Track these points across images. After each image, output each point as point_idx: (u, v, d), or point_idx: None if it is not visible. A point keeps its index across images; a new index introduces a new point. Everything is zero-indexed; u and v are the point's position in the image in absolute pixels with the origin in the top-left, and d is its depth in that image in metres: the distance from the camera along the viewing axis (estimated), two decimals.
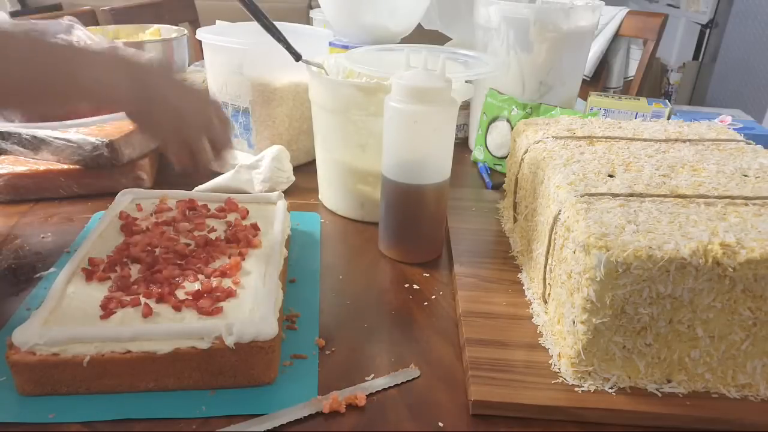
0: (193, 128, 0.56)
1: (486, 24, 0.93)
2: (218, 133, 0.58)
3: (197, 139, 0.56)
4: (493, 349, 0.52)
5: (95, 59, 0.52)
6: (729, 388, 0.48)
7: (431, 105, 0.61)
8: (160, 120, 0.55)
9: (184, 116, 0.55)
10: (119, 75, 0.52)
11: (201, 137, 0.57)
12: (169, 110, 0.55)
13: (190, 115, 0.56)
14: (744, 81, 2.73)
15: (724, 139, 0.67)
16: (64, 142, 0.76)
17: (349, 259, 0.70)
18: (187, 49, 1.21)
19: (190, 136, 0.56)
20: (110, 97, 0.52)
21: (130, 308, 0.50)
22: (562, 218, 0.51)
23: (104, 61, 0.52)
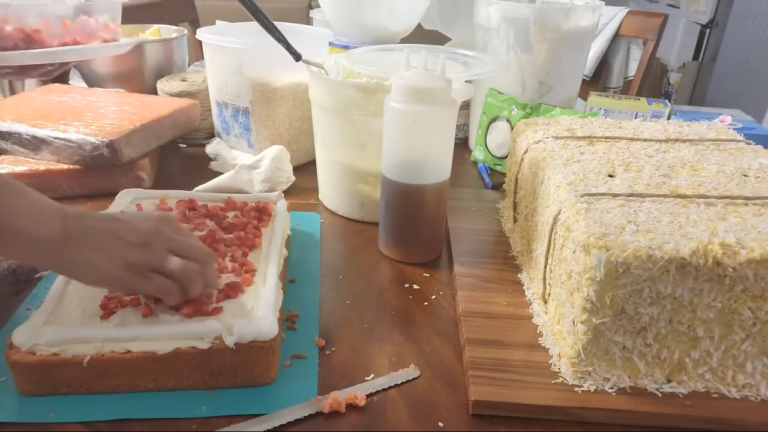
0: (148, 252, 0.47)
1: (486, 24, 0.93)
2: (192, 250, 0.50)
3: (158, 260, 0.47)
4: (493, 349, 0.52)
5: (22, 203, 0.44)
6: (729, 388, 0.48)
7: (431, 105, 0.61)
8: (97, 263, 0.46)
9: (128, 246, 0.46)
10: (52, 226, 0.44)
11: (161, 257, 0.47)
12: (105, 244, 0.46)
13: (137, 242, 0.47)
14: (744, 81, 2.73)
15: (724, 139, 0.67)
16: (64, 142, 0.76)
17: (349, 259, 0.70)
18: (187, 49, 1.21)
19: (145, 261, 0.47)
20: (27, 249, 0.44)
21: (130, 308, 0.50)
22: (562, 218, 0.51)
23: (33, 206, 0.45)
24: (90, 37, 0.74)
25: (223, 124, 0.95)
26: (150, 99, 0.95)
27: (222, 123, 0.95)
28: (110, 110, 0.87)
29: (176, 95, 0.99)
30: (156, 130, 0.84)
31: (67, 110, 0.85)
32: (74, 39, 0.73)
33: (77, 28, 0.73)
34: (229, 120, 0.94)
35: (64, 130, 0.77)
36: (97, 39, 0.75)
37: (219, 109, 0.94)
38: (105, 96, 0.94)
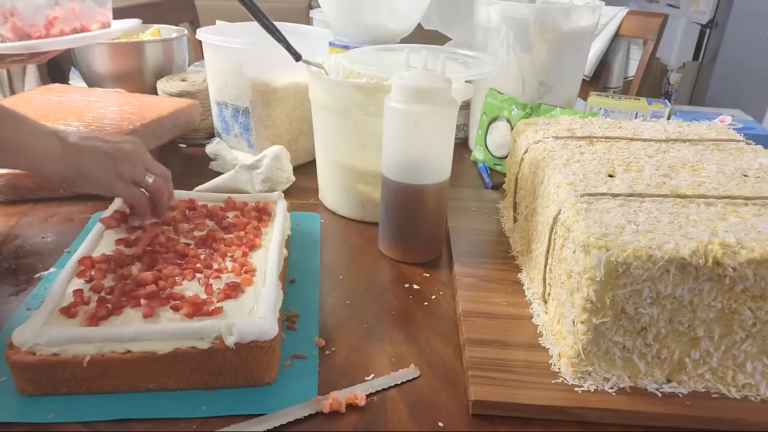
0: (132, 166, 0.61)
1: (486, 24, 0.93)
2: (159, 168, 0.64)
3: (139, 175, 0.61)
4: (493, 349, 0.52)
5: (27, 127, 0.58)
6: (729, 388, 0.48)
7: (431, 105, 0.61)
8: (95, 173, 0.59)
9: (116, 160, 0.60)
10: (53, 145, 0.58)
11: (142, 173, 0.62)
12: (98, 158, 0.59)
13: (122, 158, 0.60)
14: (744, 81, 2.73)
15: (724, 139, 0.67)
16: None
17: (349, 259, 0.70)
18: (187, 49, 1.21)
19: (124, 171, 0.60)
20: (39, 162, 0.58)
21: (131, 308, 0.50)
22: (562, 218, 0.51)
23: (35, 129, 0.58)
24: (91, 21, 0.78)
25: (223, 124, 0.95)
26: (150, 99, 0.95)
27: (222, 123, 0.95)
28: (110, 110, 0.87)
29: (176, 95, 0.99)
30: (156, 130, 0.84)
31: (67, 110, 0.86)
32: (81, 24, 0.76)
33: (82, 12, 0.76)
34: (229, 120, 0.94)
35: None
36: (96, 22, 0.78)
37: (219, 109, 0.94)
38: (105, 96, 0.94)
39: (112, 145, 0.61)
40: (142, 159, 0.62)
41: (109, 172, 0.60)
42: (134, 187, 0.61)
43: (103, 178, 0.60)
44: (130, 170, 0.61)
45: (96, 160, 0.59)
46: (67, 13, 0.74)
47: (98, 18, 0.79)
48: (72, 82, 1.23)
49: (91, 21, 0.78)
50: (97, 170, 0.59)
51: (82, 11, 0.76)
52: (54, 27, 0.72)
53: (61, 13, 0.73)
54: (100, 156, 0.60)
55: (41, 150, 0.57)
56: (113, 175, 0.60)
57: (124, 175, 0.60)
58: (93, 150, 0.60)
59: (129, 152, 0.61)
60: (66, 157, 0.58)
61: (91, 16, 0.78)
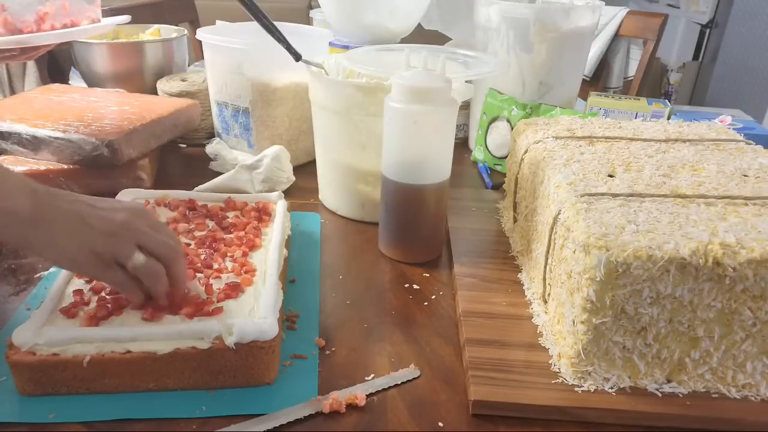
0: (115, 243, 0.46)
1: (486, 24, 0.93)
2: (159, 246, 0.48)
3: (123, 254, 0.46)
4: (493, 349, 0.52)
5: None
6: (729, 388, 0.48)
7: (431, 105, 0.61)
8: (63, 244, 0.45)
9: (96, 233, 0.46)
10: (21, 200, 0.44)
11: (127, 251, 0.47)
12: (74, 228, 0.45)
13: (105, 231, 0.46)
14: (744, 81, 2.73)
15: (724, 139, 0.67)
16: (64, 142, 0.76)
17: (349, 259, 0.70)
18: (187, 49, 1.21)
19: (106, 249, 0.46)
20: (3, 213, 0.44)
21: (131, 309, 0.50)
22: (562, 218, 0.51)
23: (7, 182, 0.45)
24: (81, 17, 0.78)
25: (223, 124, 0.95)
26: (150, 99, 0.95)
27: (222, 123, 0.95)
28: (110, 110, 0.86)
29: (176, 95, 0.99)
30: (156, 130, 0.84)
31: (67, 110, 0.85)
32: (71, 20, 0.77)
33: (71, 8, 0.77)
34: (229, 120, 0.94)
35: (64, 130, 0.77)
36: (86, 18, 0.79)
37: (219, 109, 0.94)
38: (105, 96, 0.94)
39: (98, 213, 0.47)
40: (135, 232, 0.47)
41: (83, 248, 0.45)
42: (115, 268, 0.47)
43: (74, 255, 0.45)
44: (113, 247, 0.46)
45: (70, 231, 0.45)
46: (58, 9, 0.75)
47: (88, 14, 0.80)
48: (72, 82, 1.23)
49: (80, 17, 0.79)
50: (70, 244, 0.45)
51: (72, 8, 0.77)
52: (45, 22, 0.73)
53: (51, 9, 0.73)
54: (77, 226, 0.45)
55: (2, 206, 0.43)
56: (90, 253, 0.46)
57: (103, 253, 0.46)
58: (71, 216, 0.46)
59: (117, 224, 0.47)
60: (35, 221, 0.44)
61: (81, 13, 0.79)
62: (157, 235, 0.49)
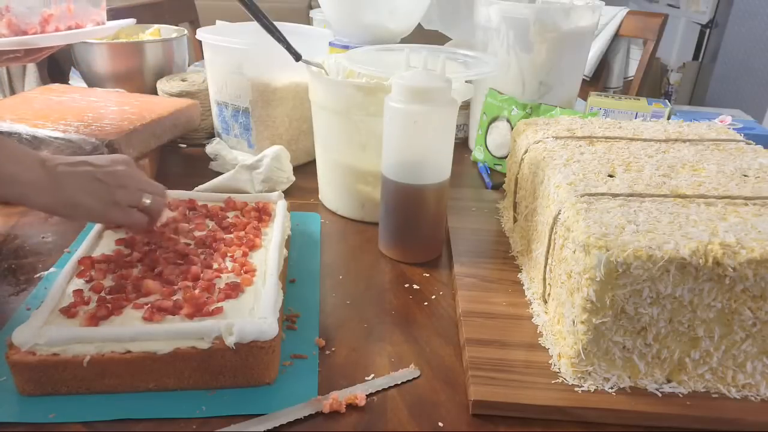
0: (127, 191, 0.57)
1: (486, 24, 0.93)
2: (154, 187, 0.60)
3: (135, 198, 0.57)
4: (493, 349, 0.52)
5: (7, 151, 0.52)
6: (729, 388, 0.48)
7: (431, 105, 0.61)
8: (89, 203, 0.54)
9: (111, 186, 0.56)
10: (34, 171, 0.52)
11: (138, 195, 0.58)
12: (90, 186, 0.55)
13: (117, 183, 0.56)
14: (744, 81, 2.73)
15: (724, 139, 0.67)
16: (64, 142, 0.76)
17: (349, 259, 0.70)
18: (187, 49, 1.21)
19: (121, 197, 0.56)
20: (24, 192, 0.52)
21: (131, 309, 0.50)
22: (562, 218, 0.51)
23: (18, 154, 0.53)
24: (86, 20, 0.79)
25: (223, 124, 0.95)
26: (150, 99, 0.95)
27: (222, 123, 0.95)
28: (110, 110, 0.86)
29: (176, 95, 0.99)
30: (156, 130, 0.84)
31: (67, 110, 0.85)
32: (76, 22, 0.77)
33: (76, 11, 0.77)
34: (229, 120, 0.94)
35: (64, 130, 0.77)
36: (90, 21, 0.79)
37: (219, 109, 0.94)
38: (105, 96, 0.94)
39: (104, 170, 0.56)
40: (137, 180, 0.59)
41: (104, 201, 0.55)
42: (132, 211, 0.58)
43: (99, 208, 0.55)
44: (127, 195, 0.57)
45: (88, 189, 0.55)
46: (62, 12, 0.75)
47: (93, 17, 0.80)
48: (72, 82, 1.23)
49: (86, 20, 0.79)
50: (91, 200, 0.54)
51: (77, 10, 0.78)
52: (49, 24, 0.73)
53: (56, 11, 0.74)
54: (93, 184, 0.55)
55: (25, 177, 0.52)
56: (109, 203, 0.55)
57: (121, 201, 0.56)
58: (83, 177, 0.55)
59: (122, 176, 0.57)
60: (53, 186, 0.53)
61: (86, 15, 0.79)
62: (148, 179, 0.61)
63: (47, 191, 0.52)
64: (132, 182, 0.58)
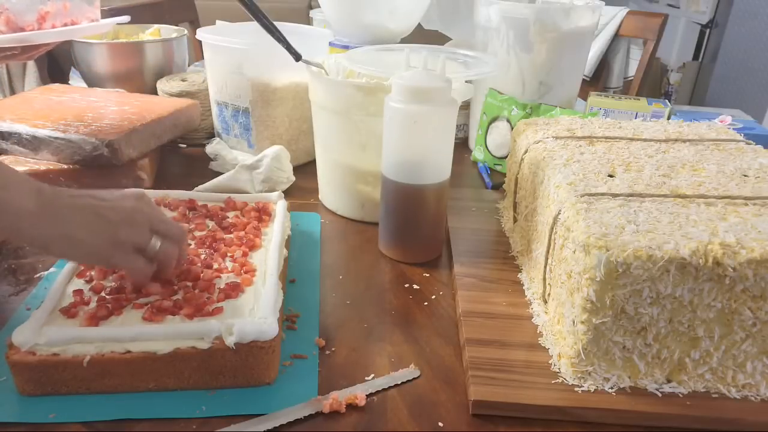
0: (134, 230, 0.49)
1: (486, 24, 0.93)
2: (169, 228, 0.51)
3: (143, 240, 0.49)
4: (493, 349, 0.52)
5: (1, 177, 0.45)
6: (729, 388, 0.48)
7: (431, 105, 0.61)
8: (87, 240, 0.47)
9: (114, 223, 0.48)
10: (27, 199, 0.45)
11: (146, 237, 0.50)
12: (91, 222, 0.47)
13: (122, 221, 0.48)
14: (744, 81, 2.73)
15: (724, 139, 0.67)
16: (64, 142, 0.76)
17: (349, 259, 0.70)
18: (187, 49, 1.21)
19: (126, 237, 0.48)
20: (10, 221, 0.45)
21: (131, 309, 0.50)
22: (562, 218, 0.51)
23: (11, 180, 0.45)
24: (81, 17, 0.79)
25: (223, 124, 0.95)
26: (150, 99, 0.95)
27: (222, 123, 0.95)
28: (110, 110, 0.86)
29: (176, 95, 0.99)
30: (156, 130, 0.84)
31: (67, 110, 0.85)
32: (72, 20, 0.77)
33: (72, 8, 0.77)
34: (229, 120, 0.94)
35: (64, 130, 0.77)
36: (85, 18, 0.80)
37: (219, 109, 0.94)
38: (105, 96, 0.94)
39: (108, 204, 0.49)
40: (148, 218, 0.50)
41: (104, 240, 0.47)
42: (136, 255, 0.49)
43: (98, 247, 0.47)
44: (132, 235, 0.49)
45: (88, 224, 0.47)
46: (58, 9, 0.75)
47: (87, 15, 0.81)
48: (72, 82, 1.23)
49: (81, 17, 0.80)
50: (90, 237, 0.47)
51: (73, 8, 0.78)
52: (46, 22, 0.74)
53: (52, 8, 0.74)
54: (93, 218, 0.47)
55: (12, 204, 0.44)
56: (110, 243, 0.47)
57: (125, 241, 0.48)
58: (84, 210, 0.47)
59: (130, 212, 0.49)
60: (49, 218, 0.45)
61: (81, 13, 0.80)
62: (162, 217, 0.52)
63: (41, 223, 0.45)
64: (141, 220, 0.50)
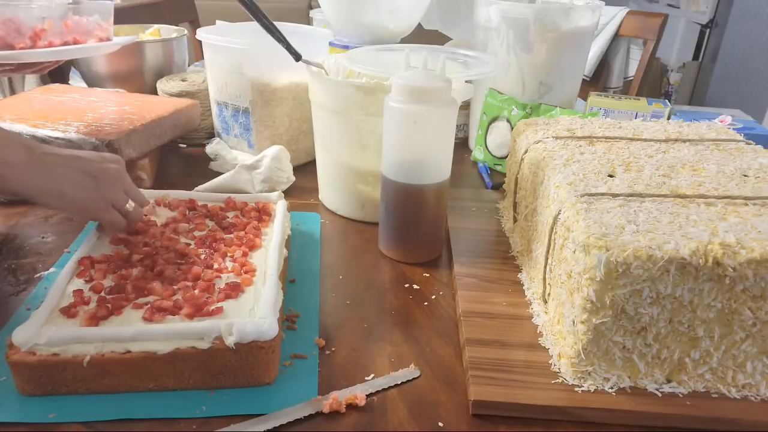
0: (114, 190, 0.57)
1: (486, 24, 0.93)
2: (137, 192, 0.61)
3: (121, 199, 0.58)
4: (493, 349, 0.52)
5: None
6: (729, 388, 0.48)
7: (431, 105, 0.61)
8: (74, 195, 0.54)
9: (99, 182, 0.55)
10: (17, 153, 0.52)
11: (123, 197, 0.58)
12: (78, 178, 0.54)
13: (105, 180, 0.56)
14: (744, 81, 2.73)
15: (724, 139, 0.67)
16: (64, 142, 0.76)
17: (349, 259, 0.70)
18: (187, 49, 1.21)
19: (107, 195, 0.56)
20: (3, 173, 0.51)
21: (131, 309, 0.50)
22: (562, 218, 0.51)
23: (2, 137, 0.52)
24: (87, 36, 0.78)
25: (223, 124, 0.95)
26: (150, 99, 0.95)
27: (222, 123, 0.95)
28: (110, 110, 0.87)
29: (176, 95, 0.99)
30: (156, 130, 0.84)
31: (67, 110, 0.85)
32: (74, 38, 0.76)
33: (75, 27, 0.76)
34: (229, 120, 0.94)
35: (64, 130, 0.77)
36: (93, 37, 0.78)
37: (219, 109, 0.94)
38: (105, 96, 0.94)
39: (95, 165, 0.56)
40: (124, 182, 0.59)
41: (90, 196, 0.55)
42: (112, 210, 0.57)
43: (84, 202, 0.55)
44: (112, 193, 0.57)
45: (75, 181, 0.54)
46: (57, 27, 0.74)
47: (96, 33, 0.79)
48: (72, 82, 1.23)
49: (87, 35, 0.78)
50: (77, 192, 0.54)
51: (77, 25, 0.76)
52: (41, 39, 0.72)
53: (49, 25, 0.72)
54: (81, 176, 0.55)
55: (9, 158, 0.51)
56: (95, 198, 0.55)
57: (108, 198, 0.56)
58: (71, 168, 0.55)
59: (112, 174, 0.57)
60: (38, 171, 0.52)
61: (89, 31, 0.78)
62: (133, 184, 0.61)
63: (30, 175, 0.52)
64: (119, 183, 0.58)
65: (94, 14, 0.79)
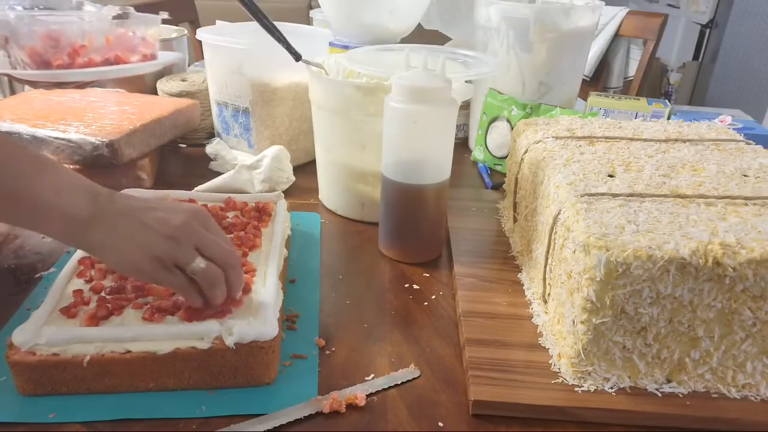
0: (176, 246, 0.45)
1: (486, 24, 0.93)
2: (216, 251, 0.47)
3: (184, 258, 0.46)
4: (493, 349, 0.52)
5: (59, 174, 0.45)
6: (729, 388, 0.48)
7: (431, 105, 0.61)
8: (123, 249, 0.45)
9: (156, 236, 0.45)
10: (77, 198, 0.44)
11: (189, 255, 0.46)
12: (135, 235, 0.45)
13: (166, 234, 0.45)
14: (744, 81, 2.73)
15: (724, 139, 0.67)
16: (64, 142, 0.76)
17: (349, 259, 0.70)
18: (187, 49, 1.21)
19: (171, 256, 0.45)
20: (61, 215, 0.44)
21: (131, 309, 0.50)
22: (562, 218, 0.51)
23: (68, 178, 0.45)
24: (130, 52, 0.74)
25: (223, 124, 0.95)
26: (150, 99, 0.95)
27: (222, 123, 0.95)
28: (110, 110, 0.86)
29: (176, 95, 0.99)
30: (156, 130, 0.84)
31: (67, 110, 0.85)
32: (116, 55, 0.73)
33: (118, 42, 0.73)
34: (229, 120, 0.94)
35: (64, 130, 0.77)
36: (137, 54, 0.75)
37: (219, 109, 0.94)
38: (105, 96, 0.94)
39: (159, 216, 0.46)
40: (196, 236, 0.47)
41: (142, 253, 0.45)
42: (175, 272, 0.46)
43: (134, 259, 0.45)
44: (172, 252, 0.45)
45: (131, 235, 0.45)
46: (98, 42, 0.70)
47: (140, 50, 0.75)
48: None
49: (130, 52, 0.75)
50: (130, 248, 0.45)
51: (120, 40, 0.72)
52: (80, 56, 0.68)
53: (90, 41, 0.69)
54: (138, 229, 0.45)
55: (62, 210, 0.44)
56: (148, 257, 0.45)
57: (163, 257, 0.45)
58: (132, 219, 0.45)
59: (179, 228, 0.46)
60: (95, 224, 0.44)
61: (132, 47, 0.75)
62: (216, 239, 0.48)
63: (90, 230, 0.44)
64: (187, 237, 0.46)
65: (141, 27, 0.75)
